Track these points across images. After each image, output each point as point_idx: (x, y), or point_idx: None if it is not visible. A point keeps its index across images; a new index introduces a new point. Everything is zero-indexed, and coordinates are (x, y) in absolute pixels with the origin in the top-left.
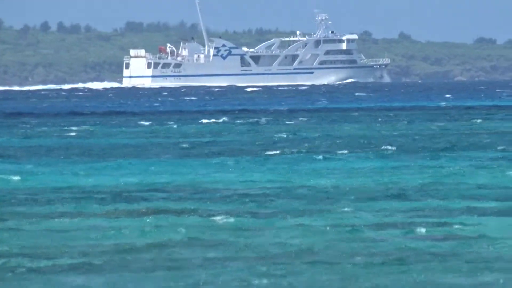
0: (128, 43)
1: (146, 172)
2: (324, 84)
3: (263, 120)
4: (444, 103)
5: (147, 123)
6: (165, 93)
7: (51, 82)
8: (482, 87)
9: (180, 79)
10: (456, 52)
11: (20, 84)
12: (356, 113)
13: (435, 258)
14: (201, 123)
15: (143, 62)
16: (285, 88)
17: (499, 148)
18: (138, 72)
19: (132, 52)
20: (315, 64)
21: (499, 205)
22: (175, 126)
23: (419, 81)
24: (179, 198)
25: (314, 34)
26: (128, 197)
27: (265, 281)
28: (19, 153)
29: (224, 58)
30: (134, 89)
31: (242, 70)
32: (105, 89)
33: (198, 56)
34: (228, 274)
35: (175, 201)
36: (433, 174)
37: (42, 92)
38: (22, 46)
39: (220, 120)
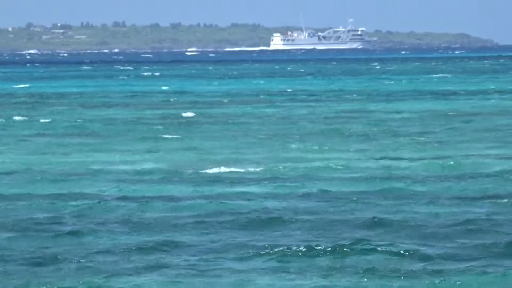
0: (245, 31)
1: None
2: (352, 48)
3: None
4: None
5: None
6: (299, 52)
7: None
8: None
9: (294, 45)
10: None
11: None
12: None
13: None
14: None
15: (279, 38)
16: (335, 48)
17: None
18: (277, 42)
19: (275, 34)
20: (347, 40)
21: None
22: (311, 62)
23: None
24: None
25: (347, 28)
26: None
27: None
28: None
29: (311, 37)
30: (277, 50)
31: (318, 42)
32: (266, 49)
33: (300, 36)
34: None
35: None
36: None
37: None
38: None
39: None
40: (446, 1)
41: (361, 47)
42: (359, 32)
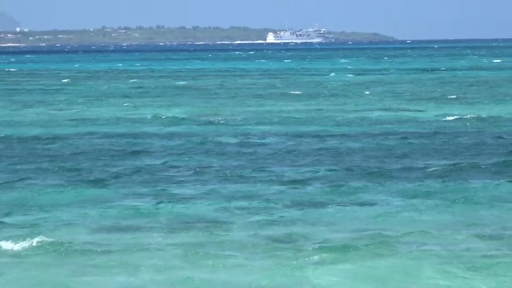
0: (242, 31)
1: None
2: (317, 42)
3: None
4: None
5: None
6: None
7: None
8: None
9: (281, 40)
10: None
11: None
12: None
13: None
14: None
15: (272, 35)
16: (305, 42)
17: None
18: (271, 39)
19: (269, 32)
20: (314, 37)
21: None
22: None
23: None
24: None
25: (315, 28)
26: None
27: None
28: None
29: (292, 35)
30: (270, 43)
31: (296, 38)
32: (264, 42)
33: (285, 34)
34: None
35: None
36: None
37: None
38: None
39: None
40: (364, 6)
41: (323, 41)
42: (322, 32)
